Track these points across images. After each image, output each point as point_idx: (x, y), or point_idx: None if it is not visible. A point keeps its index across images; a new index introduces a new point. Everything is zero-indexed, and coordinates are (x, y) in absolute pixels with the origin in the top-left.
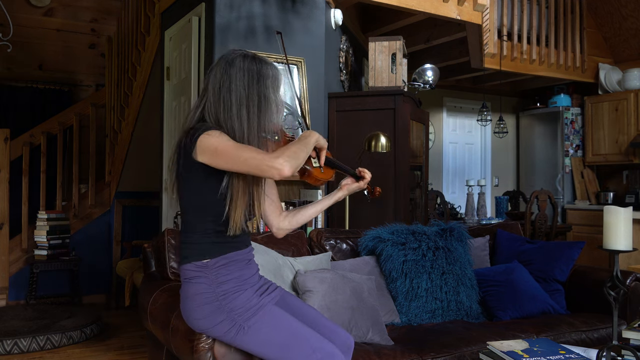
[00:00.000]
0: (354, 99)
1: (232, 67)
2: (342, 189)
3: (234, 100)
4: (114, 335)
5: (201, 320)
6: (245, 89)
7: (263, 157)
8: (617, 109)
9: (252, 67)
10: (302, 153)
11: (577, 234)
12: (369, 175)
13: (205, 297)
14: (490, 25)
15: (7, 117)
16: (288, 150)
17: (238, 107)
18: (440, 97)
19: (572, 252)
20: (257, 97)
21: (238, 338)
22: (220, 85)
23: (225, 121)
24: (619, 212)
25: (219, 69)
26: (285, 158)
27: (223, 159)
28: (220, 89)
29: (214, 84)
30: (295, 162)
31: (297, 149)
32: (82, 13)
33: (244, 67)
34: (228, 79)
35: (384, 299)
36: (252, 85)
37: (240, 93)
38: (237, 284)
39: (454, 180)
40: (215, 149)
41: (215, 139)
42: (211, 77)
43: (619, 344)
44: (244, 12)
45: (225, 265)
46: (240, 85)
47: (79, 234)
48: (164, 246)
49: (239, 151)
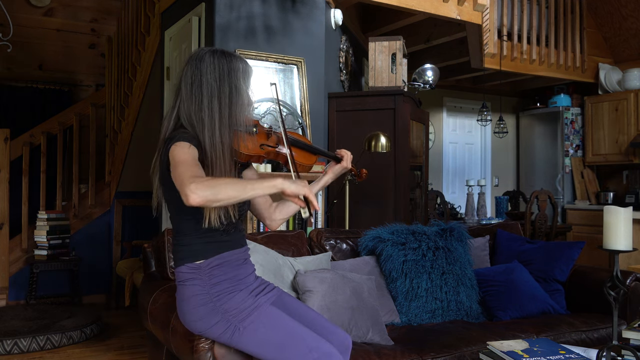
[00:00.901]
0: (354, 99)
1: (202, 63)
2: (328, 172)
3: (205, 93)
4: (114, 335)
5: (197, 322)
6: (217, 81)
7: (185, 178)
8: (617, 109)
9: (222, 61)
10: (230, 191)
11: (577, 234)
12: (348, 154)
13: (200, 299)
14: (490, 25)
15: (7, 117)
16: (214, 181)
17: (209, 99)
18: (440, 97)
19: (572, 252)
20: (229, 89)
21: (234, 339)
22: (191, 82)
23: (196, 114)
24: (619, 212)
25: (189, 67)
26: (199, 187)
27: (172, 172)
28: (192, 85)
29: (185, 82)
30: (212, 195)
31: (226, 184)
32: (82, 13)
33: (214, 61)
34: (199, 74)
35: (384, 299)
36: (224, 78)
37: (212, 86)
38: (232, 284)
39: (454, 180)
40: (172, 158)
41: (178, 149)
42: (183, 76)
43: (619, 344)
44: (244, 12)
45: (219, 265)
46: (211, 79)
47: (79, 234)
48: (164, 246)
49: (179, 164)
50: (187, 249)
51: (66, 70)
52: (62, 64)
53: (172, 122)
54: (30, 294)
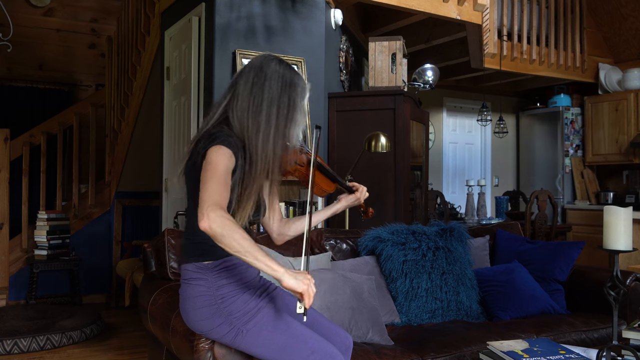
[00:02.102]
0: (354, 99)
1: (268, 68)
2: (341, 201)
3: (265, 97)
4: (114, 335)
5: (200, 322)
6: (278, 90)
7: (210, 202)
8: (617, 109)
9: (286, 73)
10: (235, 245)
11: (577, 234)
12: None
13: (204, 300)
14: (490, 25)
15: (7, 117)
16: (229, 226)
17: (268, 104)
18: (440, 97)
19: (572, 252)
20: (288, 101)
21: (237, 341)
22: (253, 83)
23: (252, 116)
24: (619, 212)
25: (252, 67)
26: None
27: (203, 173)
28: (253, 86)
29: (246, 80)
30: (219, 236)
31: (236, 238)
32: (82, 13)
33: (279, 70)
34: (263, 77)
35: (384, 299)
36: (285, 88)
37: (273, 92)
38: (236, 288)
39: (454, 180)
40: (209, 162)
41: (219, 155)
42: (243, 75)
43: (619, 344)
44: (244, 12)
45: (226, 268)
46: (274, 86)
47: (79, 234)
48: (164, 246)
49: (212, 178)
50: (197, 247)
51: (66, 70)
52: (62, 64)
53: (216, 116)
54: (30, 294)
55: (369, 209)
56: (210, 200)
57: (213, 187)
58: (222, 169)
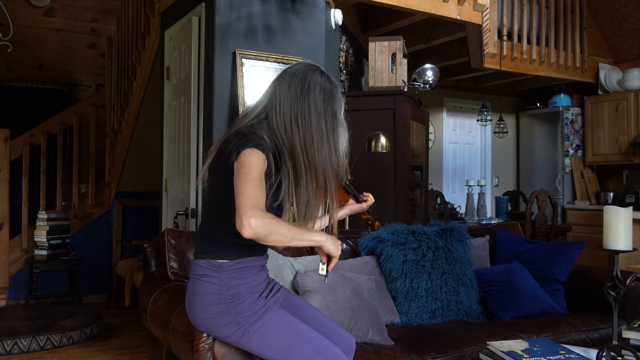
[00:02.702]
0: (354, 99)
1: (312, 76)
2: (345, 208)
3: (312, 109)
4: (114, 335)
5: (206, 320)
6: (323, 102)
7: (248, 207)
8: (617, 109)
9: (327, 85)
10: (280, 237)
11: (577, 234)
12: (371, 198)
13: (214, 298)
14: (490, 25)
15: (7, 117)
16: (272, 223)
17: (317, 117)
18: (440, 97)
19: (572, 252)
20: (331, 114)
21: (243, 340)
22: (297, 91)
23: (302, 127)
24: (619, 212)
25: (295, 75)
26: (258, 225)
27: (237, 177)
28: (298, 95)
29: (289, 87)
30: (264, 236)
31: (280, 230)
32: (82, 13)
33: (322, 82)
34: (307, 87)
35: (384, 299)
36: (328, 102)
37: (318, 105)
38: (247, 289)
39: (454, 180)
40: (243, 165)
41: (253, 157)
42: (284, 81)
43: (619, 344)
44: (244, 12)
45: (240, 269)
46: (318, 97)
47: (79, 234)
48: (164, 246)
49: (248, 183)
50: (214, 244)
51: (66, 70)
52: (62, 64)
53: (254, 115)
54: (30, 294)
55: (375, 222)
56: (248, 205)
57: (250, 191)
58: (256, 172)
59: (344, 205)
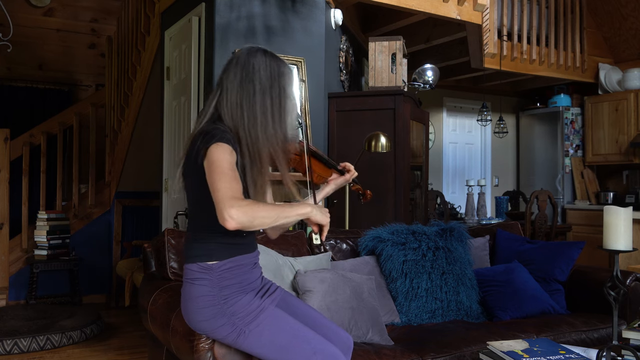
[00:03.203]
0: (354, 99)
1: (255, 58)
2: (330, 183)
3: (257, 89)
4: (114, 335)
5: (202, 323)
6: (269, 80)
7: (226, 200)
8: (617, 109)
9: (273, 61)
10: (266, 219)
11: (577, 234)
12: (352, 167)
13: (207, 300)
14: (490, 25)
15: (7, 117)
16: (252, 208)
17: (262, 94)
18: (440, 97)
19: (572, 252)
20: (279, 89)
21: (239, 341)
22: (242, 76)
23: (247, 110)
24: (619, 212)
25: (239, 60)
26: (239, 214)
27: (209, 175)
28: (242, 80)
29: (234, 75)
30: (248, 222)
31: (263, 211)
32: (82, 13)
33: (266, 60)
34: (251, 68)
35: (384, 299)
36: (275, 78)
37: (263, 82)
38: (240, 288)
39: (454, 180)
40: (212, 162)
41: (220, 152)
42: (230, 70)
43: (619, 344)
44: (244, 12)
45: (230, 269)
46: (263, 76)
47: (79, 234)
48: (164, 246)
49: (221, 177)
50: (202, 247)
51: (66, 70)
52: (62, 64)
53: (208, 114)
54: (30, 294)
55: (366, 191)
56: (225, 199)
57: (224, 185)
58: (226, 165)
59: (328, 181)
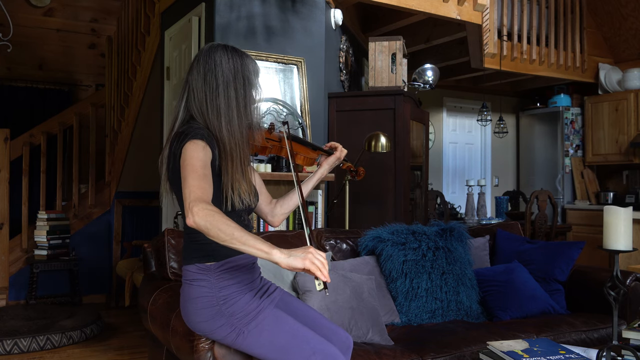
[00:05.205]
0: (354, 99)
1: (216, 54)
2: (322, 165)
3: (220, 82)
4: (114, 335)
5: (201, 324)
6: (232, 72)
7: (192, 198)
8: (617, 109)
9: (234, 55)
10: (221, 235)
11: (577, 234)
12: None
13: (206, 301)
14: (490, 25)
15: (7, 117)
16: (214, 217)
17: (225, 87)
18: (440, 97)
19: (572, 252)
20: (242, 79)
21: (238, 342)
22: (205, 71)
23: (211, 102)
24: (619, 212)
25: (201, 57)
26: (200, 215)
27: (182, 171)
28: (205, 76)
29: (197, 73)
30: (205, 228)
31: (222, 227)
32: (82, 13)
33: (227, 54)
34: (213, 63)
35: (384, 299)
36: (237, 70)
37: (226, 75)
38: (238, 289)
39: (454, 180)
40: (185, 159)
41: (192, 149)
42: (193, 69)
43: (619, 344)
44: (244, 12)
45: (228, 269)
46: (226, 68)
47: (79, 234)
48: (164, 246)
49: (190, 175)
50: (199, 248)
51: (66, 70)
52: (62, 64)
53: (181, 116)
54: (30, 293)
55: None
56: (191, 197)
57: (193, 183)
58: (198, 163)
59: (321, 163)
